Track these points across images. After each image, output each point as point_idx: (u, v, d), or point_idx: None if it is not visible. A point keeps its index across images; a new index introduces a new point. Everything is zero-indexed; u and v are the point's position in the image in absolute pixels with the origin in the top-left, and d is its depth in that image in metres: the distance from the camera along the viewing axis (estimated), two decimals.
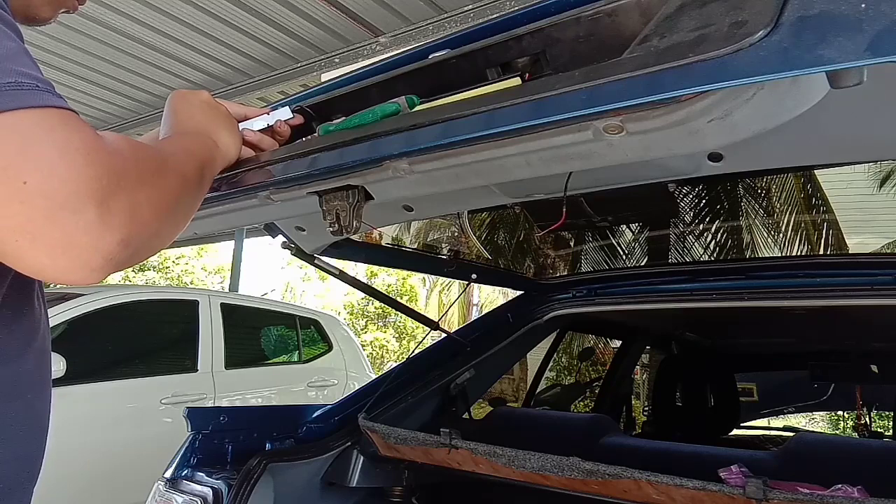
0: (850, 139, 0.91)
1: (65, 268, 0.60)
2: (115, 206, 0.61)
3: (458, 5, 4.34)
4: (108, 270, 0.62)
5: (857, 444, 2.22)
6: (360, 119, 0.98)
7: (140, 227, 0.64)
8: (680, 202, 2.44)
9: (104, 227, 0.60)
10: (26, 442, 0.77)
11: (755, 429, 4.11)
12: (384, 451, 1.78)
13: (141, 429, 4.22)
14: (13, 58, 0.60)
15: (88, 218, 0.59)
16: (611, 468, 1.29)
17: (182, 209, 0.77)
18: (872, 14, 0.54)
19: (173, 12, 4.70)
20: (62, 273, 0.60)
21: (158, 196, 0.69)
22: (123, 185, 0.63)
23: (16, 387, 0.74)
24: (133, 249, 0.64)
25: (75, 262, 0.60)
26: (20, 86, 0.58)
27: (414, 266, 2.64)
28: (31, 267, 0.60)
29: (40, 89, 0.60)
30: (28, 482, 0.77)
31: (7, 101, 0.57)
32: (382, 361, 15.77)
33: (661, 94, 0.63)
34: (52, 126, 0.59)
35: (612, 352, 3.95)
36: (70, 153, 0.59)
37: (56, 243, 0.58)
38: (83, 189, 0.58)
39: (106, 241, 0.60)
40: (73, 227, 0.58)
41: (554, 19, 0.99)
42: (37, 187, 0.56)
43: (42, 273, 0.61)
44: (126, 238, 0.62)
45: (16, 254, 0.59)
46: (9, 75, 0.58)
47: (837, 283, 2.02)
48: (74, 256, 0.59)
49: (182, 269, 18.93)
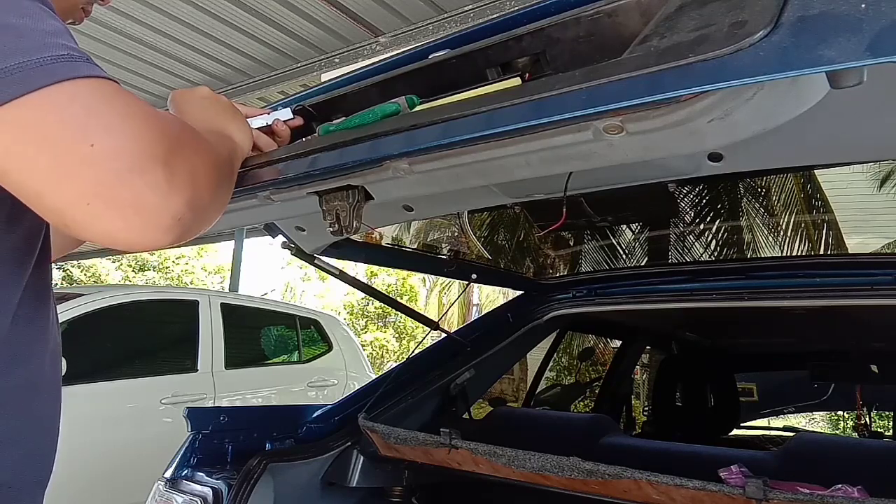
0: (850, 139, 0.91)
1: (137, 228, 0.60)
2: (178, 167, 0.62)
3: (458, 5, 4.34)
4: (176, 233, 0.63)
5: (857, 444, 2.22)
6: (360, 119, 0.98)
7: (201, 191, 0.66)
8: (680, 202, 2.44)
9: (171, 188, 0.61)
10: (41, 442, 0.77)
11: (755, 429, 4.11)
12: (384, 451, 1.78)
13: (141, 429, 4.22)
14: (61, 34, 0.61)
15: (157, 178, 0.60)
16: (611, 468, 1.29)
17: (227, 183, 0.78)
18: (872, 14, 0.54)
19: (173, 12, 4.70)
20: (135, 234, 0.61)
21: (210, 163, 0.71)
22: (182, 148, 0.64)
23: (32, 387, 0.74)
24: (196, 213, 0.65)
25: (148, 223, 0.60)
26: (73, 57, 0.59)
27: (414, 266, 2.64)
28: (103, 231, 0.60)
29: (90, 62, 0.61)
30: (41, 481, 0.77)
31: (64, 71, 0.58)
32: (382, 361, 15.77)
33: (661, 94, 0.63)
34: (110, 93, 0.61)
35: (612, 352, 3.95)
36: (131, 117, 0.60)
37: (128, 204, 0.59)
38: (148, 151, 0.60)
39: (174, 201, 0.61)
40: (143, 187, 0.59)
41: (554, 19, 0.99)
42: (104, 150, 0.58)
43: (114, 236, 0.61)
44: (191, 199, 0.63)
45: (86, 219, 0.59)
46: (61, 49, 0.59)
47: (837, 283, 2.02)
48: (146, 217, 0.60)
49: (182, 269, 18.94)
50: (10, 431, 0.71)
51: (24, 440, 0.73)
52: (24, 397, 0.73)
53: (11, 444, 0.71)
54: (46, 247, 0.77)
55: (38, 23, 0.60)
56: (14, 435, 0.72)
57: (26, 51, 0.57)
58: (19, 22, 0.58)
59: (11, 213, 0.68)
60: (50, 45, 0.58)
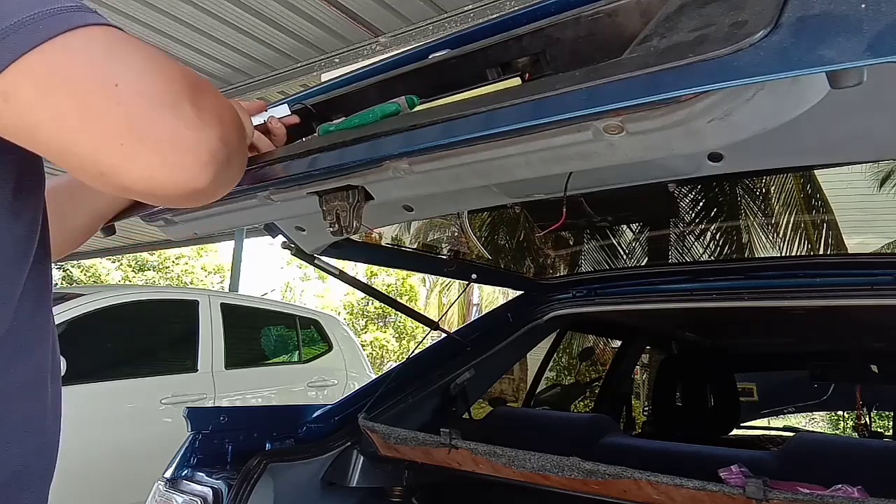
0: (850, 139, 0.91)
1: (176, 164, 0.59)
2: (205, 104, 0.62)
3: (458, 5, 4.34)
4: (214, 168, 0.62)
5: (857, 444, 2.22)
6: (360, 119, 0.98)
7: (229, 130, 0.65)
8: (680, 202, 2.44)
9: (202, 122, 0.61)
10: (45, 435, 0.77)
11: (755, 429, 4.11)
12: (384, 451, 1.78)
13: (141, 429, 4.22)
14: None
15: (187, 112, 0.60)
16: (611, 468, 1.29)
17: (244, 147, 0.77)
18: (872, 14, 0.55)
19: (173, 12, 4.70)
20: (174, 172, 0.60)
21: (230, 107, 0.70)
22: (203, 90, 0.64)
23: (36, 381, 0.74)
24: (229, 150, 0.64)
25: (185, 157, 0.60)
26: (83, 7, 0.60)
27: (414, 266, 2.64)
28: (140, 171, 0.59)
29: (99, 14, 0.61)
30: (46, 475, 0.77)
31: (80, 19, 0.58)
32: (382, 361, 15.78)
33: (661, 94, 0.63)
34: (126, 38, 0.61)
35: (612, 352, 3.95)
36: (151, 59, 0.61)
37: (163, 138, 0.58)
38: (175, 86, 0.60)
39: (207, 135, 0.61)
40: (176, 121, 0.59)
41: (554, 19, 0.99)
42: (131, 88, 0.57)
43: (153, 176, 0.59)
44: (222, 136, 0.63)
45: (123, 162, 0.58)
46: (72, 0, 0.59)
47: (837, 283, 2.02)
48: (183, 150, 0.59)
49: (182, 268, 18.94)
50: (16, 425, 0.71)
51: (28, 434, 0.73)
52: (29, 390, 0.73)
53: (17, 438, 0.71)
54: (45, 242, 0.77)
55: None
56: (19, 428, 0.72)
57: (39, 2, 0.57)
58: None
59: (14, 204, 0.68)
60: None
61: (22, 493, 0.72)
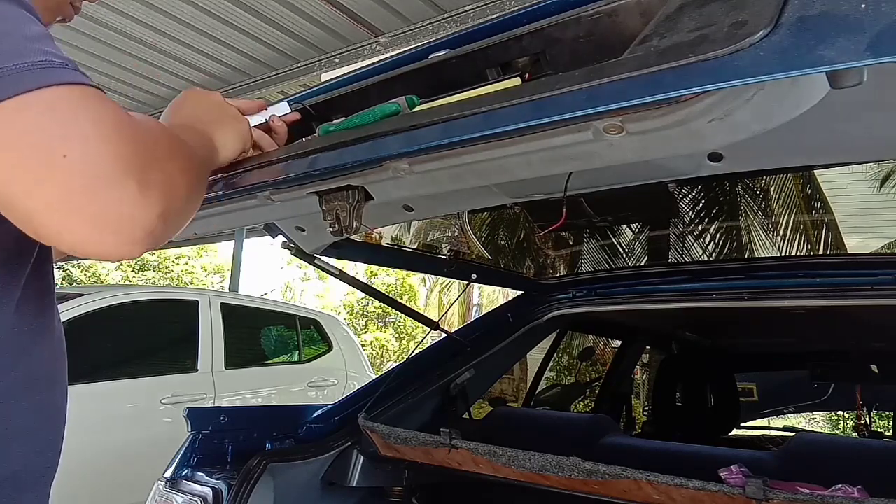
0: (850, 139, 0.91)
1: (108, 241, 0.60)
2: (153, 178, 0.62)
3: (458, 5, 4.34)
4: (148, 245, 0.63)
5: (857, 444, 2.22)
6: (360, 119, 0.98)
7: (175, 201, 0.65)
8: (680, 202, 2.44)
9: (144, 200, 0.60)
10: (48, 434, 0.77)
11: (755, 429, 4.11)
12: (384, 451, 1.78)
13: (141, 429, 4.21)
14: (41, 39, 0.60)
15: (130, 190, 0.59)
16: (611, 468, 1.29)
17: (200, 188, 0.77)
18: (872, 14, 0.54)
19: (173, 12, 4.70)
20: (106, 246, 0.61)
21: (186, 169, 0.71)
22: (157, 157, 0.64)
23: (39, 380, 0.75)
24: (169, 223, 0.65)
25: (118, 235, 0.60)
26: (52, 64, 0.59)
27: (414, 266, 2.64)
28: (74, 242, 0.60)
29: (70, 67, 0.60)
30: (48, 474, 0.77)
31: (41, 78, 0.57)
32: (382, 361, 15.77)
33: (661, 94, 0.63)
34: (87, 101, 0.60)
35: (612, 352, 3.95)
36: (106, 127, 0.60)
37: (99, 216, 0.59)
38: (122, 162, 0.59)
39: (147, 214, 0.61)
40: (116, 200, 0.59)
41: (554, 19, 0.99)
42: (77, 160, 0.57)
43: (85, 247, 0.60)
44: (164, 211, 0.63)
45: (58, 229, 0.59)
46: (40, 54, 0.59)
47: (837, 283, 2.02)
48: (117, 229, 0.60)
49: (182, 268, 18.93)
50: (19, 424, 0.71)
51: (32, 433, 0.73)
52: (33, 390, 0.73)
53: (20, 437, 0.72)
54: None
55: (17, 27, 0.59)
56: (22, 427, 0.72)
57: (4, 56, 0.56)
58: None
59: None
60: (29, 51, 0.58)
61: (24, 494, 0.72)
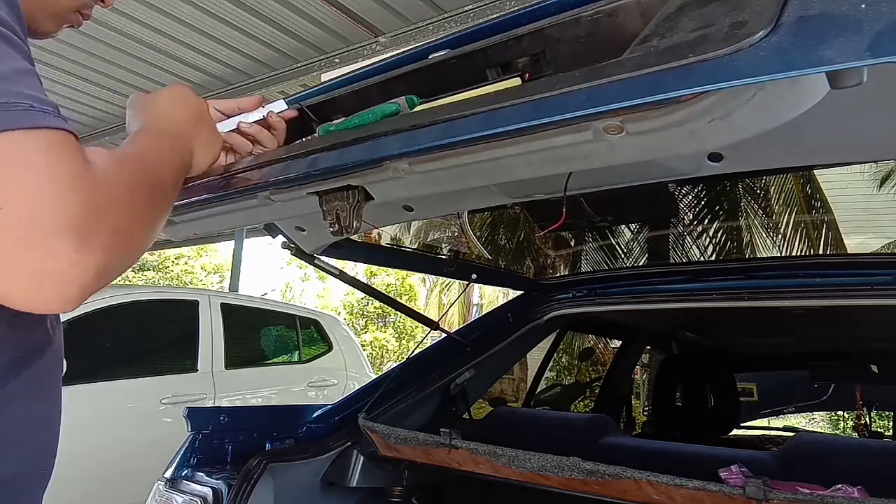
0: (850, 139, 0.91)
1: (37, 298, 0.58)
2: (95, 237, 0.58)
3: (458, 5, 4.34)
4: (80, 301, 0.60)
5: (857, 444, 2.22)
6: (360, 119, 0.98)
7: (119, 257, 0.62)
8: (680, 202, 2.44)
9: (81, 259, 0.57)
10: (43, 441, 0.77)
11: (755, 429, 4.11)
12: (384, 451, 1.78)
13: (141, 429, 4.22)
14: (13, 78, 0.58)
15: (66, 249, 0.56)
16: (611, 468, 1.29)
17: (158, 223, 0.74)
18: (872, 14, 0.54)
19: (173, 12, 4.69)
20: (33, 303, 0.58)
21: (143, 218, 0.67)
22: (107, 215, 0.60)
23: (36, 387, 0.75)
24: (108, 279, 0.62)
25: (49, 294, 0.57)
26: (13, 106, 0.56)
27: (414, 266, 2.64)
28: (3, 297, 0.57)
29: (35, 109, 0.57)
30: (43, 479, 0.78)
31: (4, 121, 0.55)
32: (382, 361, 15.77)
33: (661, 94, 0.63)
34: (39, 150, 0.57)
35: (612, 352, 3.95)
36: (54, 180, 0.56)
37: (31, 273, 0.56)
38: (64, 219, 0.56)
39: (81, 272, 0.57)
40: (51, 258, 0.56)
41: (554, 19, 0.99)
42: (15, 214, 0.54)
43: (11, 302, 0.58)
44: (102, 269, 0.59)
45: None
46: (3, 95, 0.56)
47: (837, 283, 2.02)
48: (48, 287, 0.57)
49: (181, 268, 18.94)
50: (14, 431, 0.71)
51: (26, 439, 0.74)
52: (28, 397, 0.73)
53: (15, 443, 0.72)
54: None
55: None
56: (17, 434, 0.72)
57: None
58: None
59: None
60: None
61: (18, 499, 0.72)
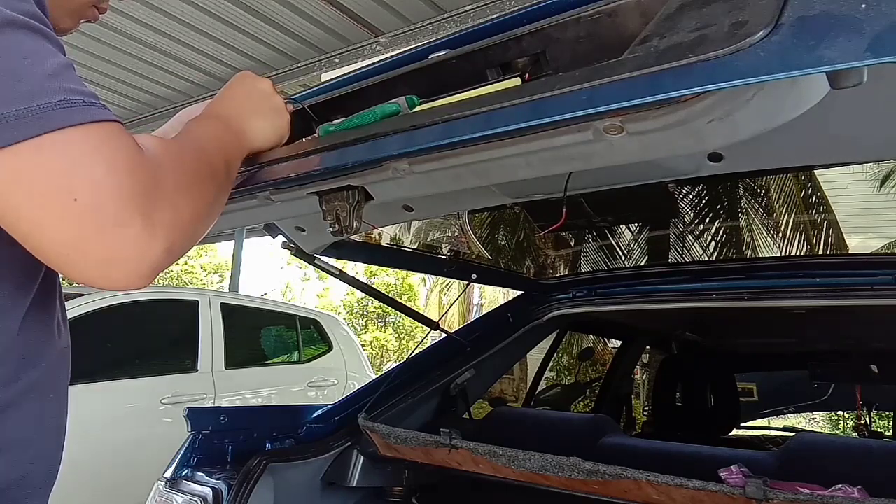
0: (850, 139, 0.91)
1: (115, 278, 0.63)
2: (159, 216, 0.64)
3: (458, 5, 4.34)
4: (154, 276, 0.65)
5: (857, 444, 2.21)
6: (360, 119, 0.98)
7: (182, 234, 0.67)
8: (680, 202, 2.44)
9: (151, 239, 0.62)
10: (49, 443, 0.78)
11: (755, 429, 4.11)
12: (384, 451, 1.78)
13: (141, 429, 4.22)
14: (60, 74, 0.61)
15: (136, 231, 0.61)
16: (611, 468, 1.29)
17: (217, 203, 0.79)
18: (872, 14, 0.55)
19: (174, 12, 4.70)
20: (113, 282, 0.63)
21: (198, 198, 0.72)
22: (165, 194, 0.66)
23: (42, 389, 0.75)
24: (175, 254, 0.67)
25: (125, 274, 0.63)
26: (69, 103, 0.60)
27: (414, 266, 2.64)
28: (83, 278, 0.63)
29: (86, 104, 0.62)
30: (48, 482, 0.78)
31: (58, 120, 0.59)
32: (382, 361, 15.77)
33: (661, 94, 0.63)
34: (98, 143, 0.61)
35: (612, 352, 3.95)
36: (116, 169, 0.61)
37: (107, 257, 0.61)
38: (130, 203, 0.61)
39: (153, 251, 0.63)
40: (123, 241, 0.61)
41: (554, 19, 0.99)
42: (87, 204, 0.59)
43: (94, 283, 0.64)
44: (170, 246, 0.65)
45: (67, 266, 0.62)
46: (58, 93, 0.60)
47: (837, 283, 2.02)
48: (123, 268, 0.62)
49: (181, 268, 18.94)
50: (21, 433, 0.72)
51: (33, 442, 0.74)
52: (35, 399, 0.74)
53: (21, 446, 0.72)
54: None
55: (37, 65, 0.60)
56: (24, 437, 0.72)
57: (23, 97, 0.58)
58: (20, 65, 0.59)
59: None
60: (47, 91, 0.59)
61: (26, 500, 0.72)
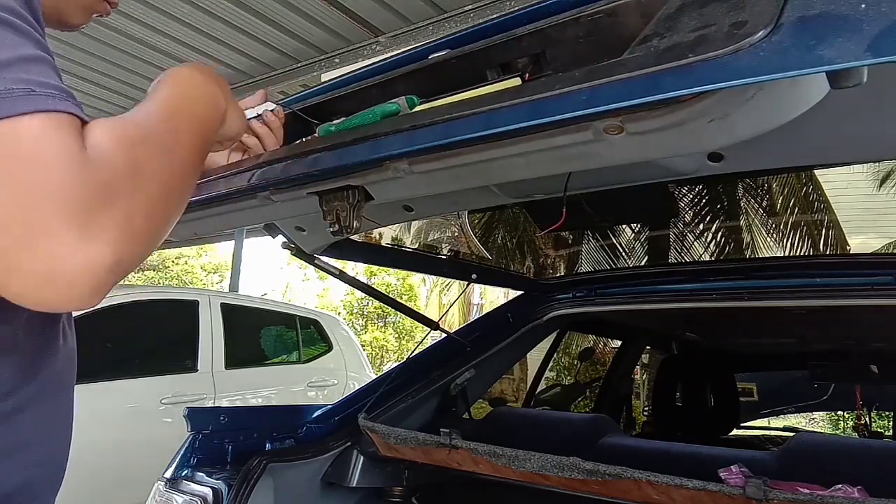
0: (850, 139, 0.91)
1: (51, 298, 0.54)
2: (105, 224, 0.54)
3: (458, 5, 4.34)
4: (101, 295, 0.56)
5: (857, 444, 2.22)
6: (360, 119, 0.98)
7: (134, 243, 0.57)
8: (680, 202, 2.44)
9: (90, 252, 0.53)
10: (55, 447, 0.77)
11: (755, 429, 4.11)
12: (384, 451, 1.78)
13: (141, 429, 4.22)
14: (14, 65, 0.55)
15: (71, 242, 0.52)
16: (611, 468, 1.29)
17: (181, 198, 0.67)
18: (872, 14, 0.55)
19: (174, 12, 4.70)
20: (48, 303, 0.54)
21: (157, 194, 0.60)
22: (113, 198, 0.55)
23: (48, 393, 0.74)
24: (127, 268, 0.57)
25: (62, 293, 0.53)
26: (10, 93, 0.53)
27: (414, 266, 2.64)
28: (17, 297, 0.54)
29: (36, 93, 0.54)
30: (54, 486, 0.77)
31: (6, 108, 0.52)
32: (382, 361, 15.78)
33: (661, 94, 0.63)
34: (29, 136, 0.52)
35: (612, 352, 3.95)
36: (47, 168, 0.52)
37: (38, 272, 0.52)
38: (63, 210, 0.51)
39: (94, 265, 0.53)
40: (56, 254, 0.51)
41: (554, 19, 0.99)
42: (9, 211, 0.50)
43: (26, 303, 0.54)
44: (119, 259, 0.55)
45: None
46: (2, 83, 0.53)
47: (837, 283, 2.02)
48: (59, 286, 0.53)
49: (181, 268, 18.94)
50: (27, 437, 0.71)
51: (39, 446, 0.73)
52: (40, 403, 0.73)
53: (27, 450, 0.71)
54: None
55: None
56: (30, 440, 0.72)
57: None
58: None
59: None
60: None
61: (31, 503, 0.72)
